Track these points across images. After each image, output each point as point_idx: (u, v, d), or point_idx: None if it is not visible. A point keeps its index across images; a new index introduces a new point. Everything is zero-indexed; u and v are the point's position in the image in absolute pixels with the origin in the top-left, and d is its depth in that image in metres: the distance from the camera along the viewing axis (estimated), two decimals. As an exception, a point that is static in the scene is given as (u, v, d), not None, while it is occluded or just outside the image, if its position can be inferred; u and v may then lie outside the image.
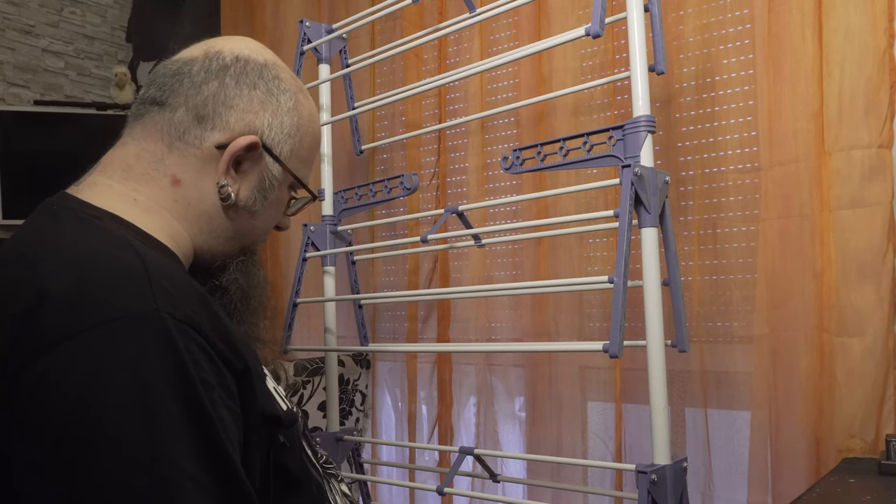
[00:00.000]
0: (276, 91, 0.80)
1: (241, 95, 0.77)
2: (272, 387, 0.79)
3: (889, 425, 1.28)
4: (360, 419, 2.02)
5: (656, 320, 1.17)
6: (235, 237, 0.82)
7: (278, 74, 0.81)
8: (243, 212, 0.80)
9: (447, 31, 1.53)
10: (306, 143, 0.84)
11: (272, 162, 0.80)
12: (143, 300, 0.61)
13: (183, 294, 0.65)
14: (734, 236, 1.49)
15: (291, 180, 0.83)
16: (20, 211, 2.33)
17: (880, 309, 1.29)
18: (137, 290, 0.62)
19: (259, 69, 0.80)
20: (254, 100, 0.78)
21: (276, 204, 0.84)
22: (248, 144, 0.77)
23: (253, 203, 0.81)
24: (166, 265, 0.68)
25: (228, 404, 0.64)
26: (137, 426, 0.57)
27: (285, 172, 0.82)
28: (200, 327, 0.63)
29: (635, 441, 1.59)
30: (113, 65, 2.74)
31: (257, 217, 0.82)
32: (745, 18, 1.48)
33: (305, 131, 0.83)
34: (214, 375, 0.63)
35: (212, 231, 0.79)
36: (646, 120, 1.18)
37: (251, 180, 0.79)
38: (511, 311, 1.82)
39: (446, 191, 1.93)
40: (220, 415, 0.61)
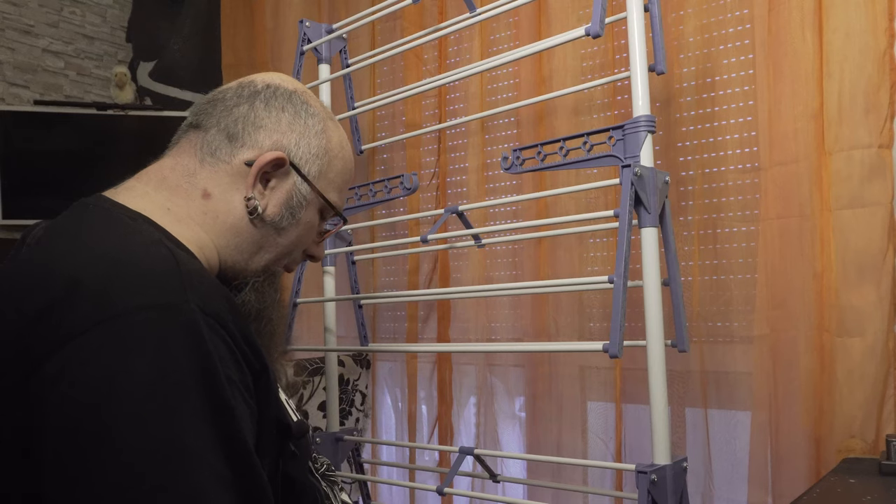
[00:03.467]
0: (304, 114, 0.83)
1: (269, 116, 0.82)
2: (284, 399, 0.82)
3: (889, 425, 1.28)
4: (360, 419, 2.02)
5: (656, 320, 1.17)
6: (260, 254, 0.83)
7: (307, 101, 0.85)
8: (270, 228, 0.82)
9: (447, 31, 1.53)
10: (336, 167, 0.86)
11: (300, 181, 0.83)
12: (174, 292, 0.63)
13: (212, 291, 0.67)
14: (734, 236, 1.49)
15: (321, 203, 0.85)
16: (20, 211, 2.33)
17: (880, 309, 1.29)
18: (168, 283, 0.63)
19: (288, 94, 0.84)
20: (282, 121, 0.82)
21: (304, 225, 0.85)
22: (274, 159, 0.80)
23: (280, 219, 0.82)
24: (196, 264, 0.72)
25: (248, 401, 0.65)
26: (159, 417, 0.58)
27: (314, 192, 0.84)
28: (227, 324, 0.65)
29: (635, 441, 1.59)
30: (113, 65, 2.74)
31: (283, 234, 0.83)
32: (745, 18, 1.48)
33: (335, 155, 0.86)
34: (237, 372, 0.64)
35: (238, 246, 0.81)
36: (646, 120, 1.18)
37: (279, 196, 0.82)
38: (511, 311, 1.82)
39: (446, 191, 1.93)
40: (240, 410, 0.63)
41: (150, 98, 2.74)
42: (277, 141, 0.81)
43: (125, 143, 2.44)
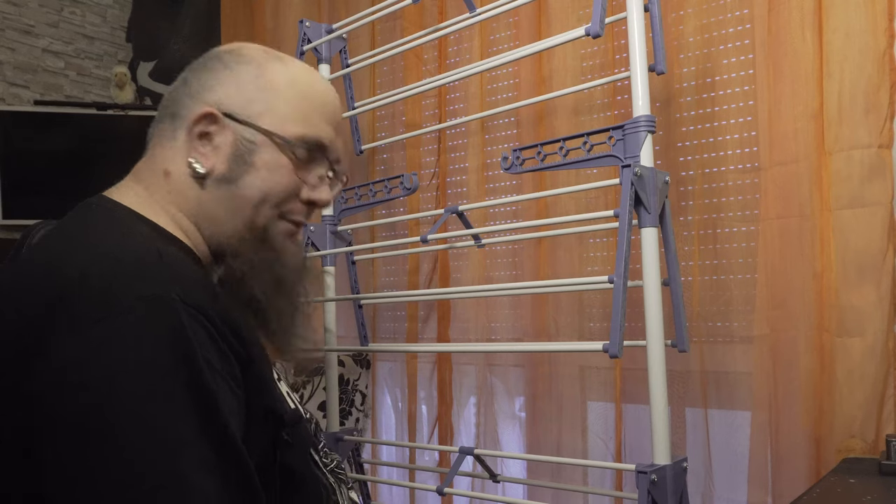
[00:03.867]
0: (234, 65, 0.83)
1: (199, 81, 0.83)
2: (285, 390, 0.83)
3: (889, 425, 1.28)
4: (360, 419, 2.03)
5: (656, 320, 1.17)
6: (235, 216, 0.82)
7: (241, 52, 0.85)
8: (226, 184, 0.81)
9: (447, 31, 1.53)
10: (288, 99, 0.83)
11: (242, 127, 0.81)
12: (159, 285, 0.65)
13: (193, 283, 0.69)
14: (734, 236, 1.49)
15: (279, 141, 0.82)
16: (20, 211, 2.33)
17: (880, 309, 1.29)
18: (153, 276, 0.66)
19: (218, 55, 0.85)
20: (209, 80, 0.83)
21: (267, 168, 0.82)
22: (201, 115, 0.81)
23: (231, 171, 0.81)
24: (179, 256, 0.73)
25: (235, 390, 0.67)
26: (145, 406, 0.60)
27: (260, 132, 0.81)
28: (209, 314, 0.66)
29: (635, 441, 1.59)
30: (113, 65, 2.74)
31: (243, 185, 0.81)
32: (745, 18, 1.48)
33: (282, 89, 0.83)
34: (220, 361, 0.66)
35: (209, 215, 0.81)
36: (646, 120, 1.18)
37: (225, 150, 0.81)
38: (511, 311, 1.82)
39: (446, 191, 1.93)
40: (224, 397, 0.64)
41: (150, 98, 2.74)
42: (206, 99, 0.82)
43: (125, 143, 2.41)
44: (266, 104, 0.83)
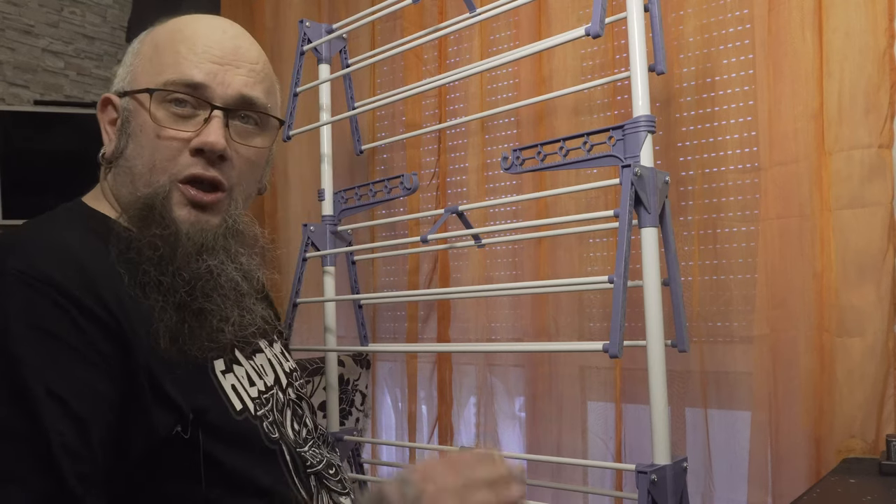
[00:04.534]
0: (130, 48, 0.86)
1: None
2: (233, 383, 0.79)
3: (889, 425, 1.28)
4: (360, 419, 2.02)
5: (656, 320, 1.17)
6: (128, 189, 0.81)
7: (147, 35, 0.86)
8: (117, 161, 0.82)
9: (447, 31, 1.53)
10: (151, 54, 0.82)
11: (121, 99, 0.83)
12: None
13: (54, 257, 0.70)
14: (734, 236, 1.49)
15: (142, 96, 0.79)
16: (20, 211, 2.33)
17: (880, 309, 1.29)
18: None
19: None
20: (118, 71, 0.86)
21: (142, 130, 0.80)
22: (99, 105, 0.84)
23: (118, 147, 0.82)
24: (60, 235, 0.75)
25: (85, 353, 0.67)
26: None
27: (131, 97, 0.81)
28: (60, 284, 0.68)
29: (635, 441, 1.59)
30: (113, 65, 2.72)
31: (130, 156, 0.81)
32: (745, 18, 1.48)
33: (148, 47, 0.83)
34: (65, 326, 0.67)
35: (118, 196, 0.82)
36: (646, 120, 1.18)
37: (118, 129, 0.83)
38: (511, 311, 1.82)
39: (446, 191, 1.92)
40: (47, 360, 0.66)
41: (150, 98, 2.74)
42: (112, 88, 0.85)
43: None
44: (136, 68, 0.83)
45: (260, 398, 0.84)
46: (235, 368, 0.82)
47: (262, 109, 0.85)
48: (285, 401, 0.90)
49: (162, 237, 0.77)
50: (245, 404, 0.80)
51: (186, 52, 0.80)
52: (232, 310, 0.81)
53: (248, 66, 0.84)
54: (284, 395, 0.90)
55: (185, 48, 0.80)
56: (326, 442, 0.98)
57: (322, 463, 0.89)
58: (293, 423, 0.90)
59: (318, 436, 0.96)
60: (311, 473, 0.86)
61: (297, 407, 0.93)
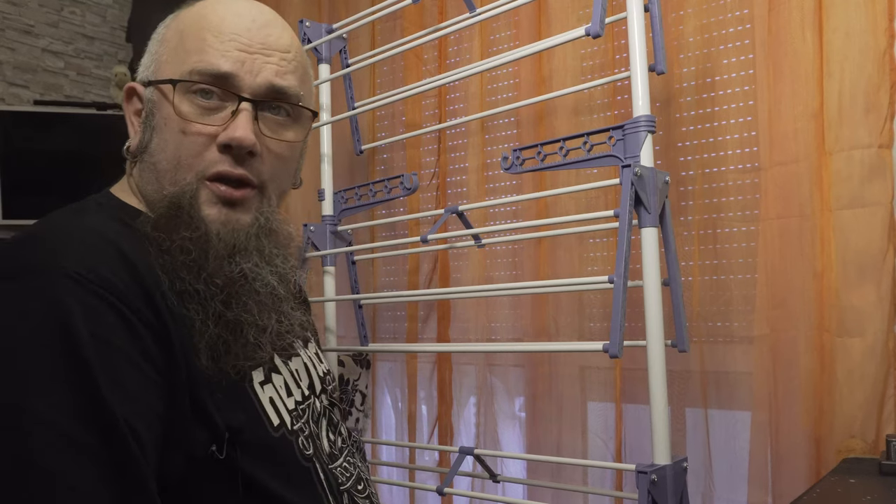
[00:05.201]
0: (155, 35, 0.81)
1: None
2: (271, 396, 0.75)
3: (889, 425, 1.28)
4: (360, 419, 2.02)
5: (656, 320, 1.17)
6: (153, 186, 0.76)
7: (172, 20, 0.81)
8: (142, 156, 0.78)
9: (447, 31, 1.53)
10: (177, 42, 0.76)
11: (146, 90, 0.78)
12: (46, 255, 0.63)
13: (107, 258, 0.65)
14: (734, 236, 1.49)
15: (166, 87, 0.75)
16: (20, 211, 2.33)
17: (880, 309, 1.29)
18: (45, 247, 0.64)
19: None
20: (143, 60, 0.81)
21: (166, 123, 0.75)
22: (124, 95, 0.80)
23: (143, 140, 0.77)
24: (106, 231, 0.69)
25: (142, 367, 0.63)
26: (3, 382, 0.57)
27: (155, 87, 0.76)
28: (114, 287, 0.63)
29: (635, 441, 1.59)
30: (113, 65, 2.74)
31: (154, 151, 0.76)
32: (745, 18, 1.48)
33: (173, 34, 0.77)
34: (126, 335, 0.62)
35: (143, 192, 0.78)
36: (646, 120, 1.18)
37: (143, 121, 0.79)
38: (511, 311, 1.82)
39: (446, 191, 1.92)
40: (116, 375, 0.60)
41: (150, 98, 2.73)
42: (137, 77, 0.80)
43: (125, 143, 2.43)
44: (161, 56, 0.77)
45: (297, 409, 0.80)
46: (274, 378, 0.78)
47: (293, 101, 0.78)
48: (321, 409, 0.86)
49: (192, 240, 0.72)
50: (282, 418, 0.76)
51: (212, 39, 0.74)
52: (269, 318, 0.76)
53: (280, 55, 0.77)
54: (319, 402, 0.86)
55: (211, 35, 0.74)
56: (359, 448, 0.94)
57: (352, 479, 0.85)
58: (328, 432, 0.86)
59: (352, 443, 0.92)
60: (343, 491, 0.82)
61: (331, 415, 0.89)
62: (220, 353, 0.71)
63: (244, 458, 0.69)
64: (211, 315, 0.71)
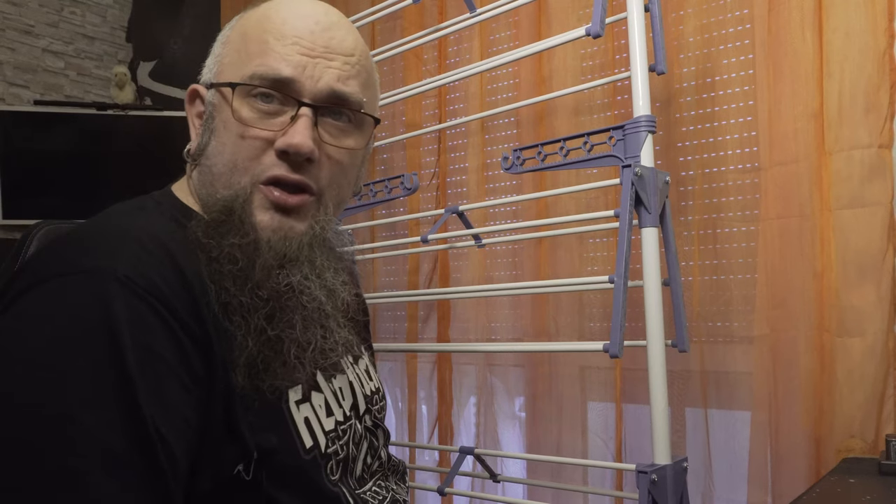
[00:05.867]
0: (219, 37, 0.79)
1: None
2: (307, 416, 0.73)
3: (889, 425, 1.28)
4: (360, 419, 2.02)
5: (656, 320, 1.17)
6: (210, 191, 0.74)
7: (237, 21, 0.79)
8: (200, 159, 0.75)
9: (447, 31, 1.53)
10: (239, 44, 0.75)
11: (208, 92, 0.76)
12: (101, 258, 0.61)
13: (157, 262, 0.63)
14: (734, 236, 1.49)
15: (226, 90, 0.73)
16: (20, 211, 2.33)
17: (880, 309, 1.29)
18: (101, 250, 0.62)
19: None
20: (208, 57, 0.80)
21: (224, 127, 0.73)
22: (187, 97, 0.78)
23: (202, 144, 0.75)
24: (161, 234, 0.67)
25: (181, 377, 0.61)
26: (43, 383, 0.56)
27: (216, 90, 0.74)
28: (161, 293, 0.61)
29: (635, 441, 1.59)
30: (113, 65, 2.74)
31: (212, 154, 0.74)
32: (745, 18, 1.48)
33: (236, 36, 0.76)
34: (169, 344, 0.61)
35: (200, 196, 0.75)
36: (646, 120, 1.18)
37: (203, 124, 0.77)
38: (511, 311, 1.82)
39: (446, 191, 1.93)
40: (154, 384, 0.59)
41: (150, 98, 2.74)
42: (201, 78, 0.78)
43: (125, 143, 2.44)
44: (224, 58, 0.76)
45: (337, 430, 0.77)
46: (314, 396, 0.75)
47: (355, 107, 0.76)
48: (363, 432, 0.83)
49: (240, 247, 0.69)
50: (316, 440, 0.73)
51: (274, 42, 0.72)
52: (314, 334, 0.73)
53: (343, 58, 0.74)
54: (361, 423, 0.83)
55: (273, 38, 0.72)
56: (396, 471, 0.91)
57: (385, 502, 0.83)
58: (367, 455, 0.83)
59: (389, 467, 0.89)
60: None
61: (373, 438, 0.86)
62: (259, 371, 0.69)
63: (270, 480, 0.68)
64: (252, 330, 0.69)
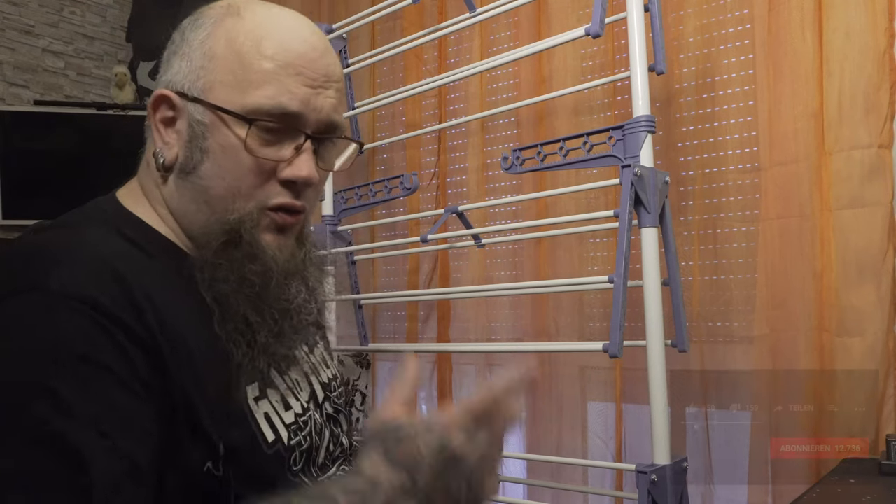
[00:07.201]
0: (188, 32, 0.74)
1: (165, 60, 0.76)
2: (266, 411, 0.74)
3: (889, 425, 1.28)
4: (360, 419, 2.03)
5: (656, 320, 1.17)
6: (200, 207, 0.73)
7: (199, 15, 0.75)
8: (186, 174, 0.73)
9: (447, 31, 1.53)
10: (235, 63, 0.71)
11: (193, 105, 0.72)
12: (33, 275, 0.62)
13: (97, 274, 0.64)
14: (734, 236, 1.49)
15: (228, 117, 0.71)
16: (20, 211, 2.33)
17: (880, 309, 1.29)
18: (33, 267, 0.63)
19: (182, 25, 0.76)
20: (170, 56, 0.75)
21: (223, 152, 0.72)
22: (153, 100, 0.75)
23: (189, 160, 0.73)
24: (103, 249, 0.67)
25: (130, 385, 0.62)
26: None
27: (210, 110, 0.71)
28: (107, 307, 0.62)
29: (635, 441, 1.59)
30: (113, 65, 2.74)
31: (204, 175, 0.72)
32: (745, 18, 1.48)
33: (229, 52, 0.72)
34: (116, 357, 0.61)
35: (179, 209, 0.75)
36: (646, 120, 1.18)
37: (183, 136, 0.73)
38: (511, 311, 1.82)
39: (446, 191, 1.93)
40: (81, 395, 0.59)
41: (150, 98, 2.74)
42: (165, 81, 0.74)
43: (125, 144, 2.42)
44: (213, 73, 0.72)
45: (297, 422, 0.78)
46: (269, 393, 0.76)
47: (344, 133, 0.79)
48: (323, 421, 0.84)
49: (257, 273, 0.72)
50: (278, 434, 0.74)
51: (279, 72, 0.71)
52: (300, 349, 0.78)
53: (335, 86, 0.75)
54: (321, 412, 0.84)
55: (277, 66, 0.71)
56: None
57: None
58: (329, 444, 0.84)
59: (351, 453, 0.89)
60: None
61: (334, 426, 0.86)
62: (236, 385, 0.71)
63: (238, 476, 0.69)
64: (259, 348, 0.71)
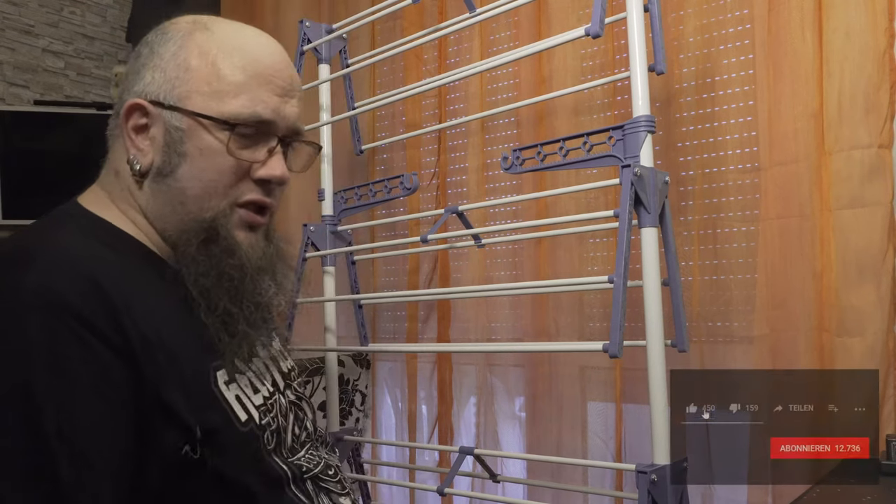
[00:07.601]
0: (157, 45, 0.80)
1: (132, 70, 0.81)
2: (237, 394, 0.78)
3: (889, 425, 1.28)
4: (360, 419, 2.02)
5: (656, 320, 1.17)
6: (176, 208, 0.78)
7: (166, 29, 0.82)
8: (163, 178, 0.78)
9: (447, 31, 1.53)
10: (211, 73, 0.78)
11: (169, 112, 0.78)
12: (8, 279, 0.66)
13: (69, 275, 0.67)
14: (734, 236, 1.49)
15: (206, 122, 0.77)
16: (20, 211, 2.33)
17: (880, 309, 1.29)
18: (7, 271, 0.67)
19: (147, 38, 0.82)
20: (139, 68, 0.80)
21: (201, 155, 0.77)
22: (127, 108, 0.79)
23: (164, 164, 0.78)
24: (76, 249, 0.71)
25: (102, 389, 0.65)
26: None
27: (188, 117, 0.77)
28: (77, 307, 0.65)
29: (635, 441, 1.59)
30: (113, 65, 2.73)
31: (182, 177, 0.77)
32: (745, 18, 1.48)
33: (199, 65, 0.78)
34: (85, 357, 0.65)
35: (156, 211, 0.79)
36: (646, 120, 1.18)
37: (159, 142, 0.78)
38: (511, 311, 1.82)
39: (446, 191, 1.93)
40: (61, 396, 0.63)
41: (150, 98, 2.73)
42: (135, 90, 0.79)
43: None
44: (189, 83, 0.78)
45: (266, 403, 0.83)
46: (238, 378, 0.81)
47: (306, 138, 0.86)
48: (287, 404, 0.89)
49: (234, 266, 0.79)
50: (250, 413, 0.79)
51: (252, 82, 0.79)
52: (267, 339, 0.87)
53: (298, 94, 0.84)
54: (285, 397, 0.89)
55: (250, 78, 0.79)
56: (325, 443, 0.97)
57: (319, 465, 0.88)
58: (294, 426, 0.89)
59: (316, 438, 0.95)
60: (308, 478, 0.85)
61: (298, 410, 0.92)
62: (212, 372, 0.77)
63: (216, 456, 0.73)
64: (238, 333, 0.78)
